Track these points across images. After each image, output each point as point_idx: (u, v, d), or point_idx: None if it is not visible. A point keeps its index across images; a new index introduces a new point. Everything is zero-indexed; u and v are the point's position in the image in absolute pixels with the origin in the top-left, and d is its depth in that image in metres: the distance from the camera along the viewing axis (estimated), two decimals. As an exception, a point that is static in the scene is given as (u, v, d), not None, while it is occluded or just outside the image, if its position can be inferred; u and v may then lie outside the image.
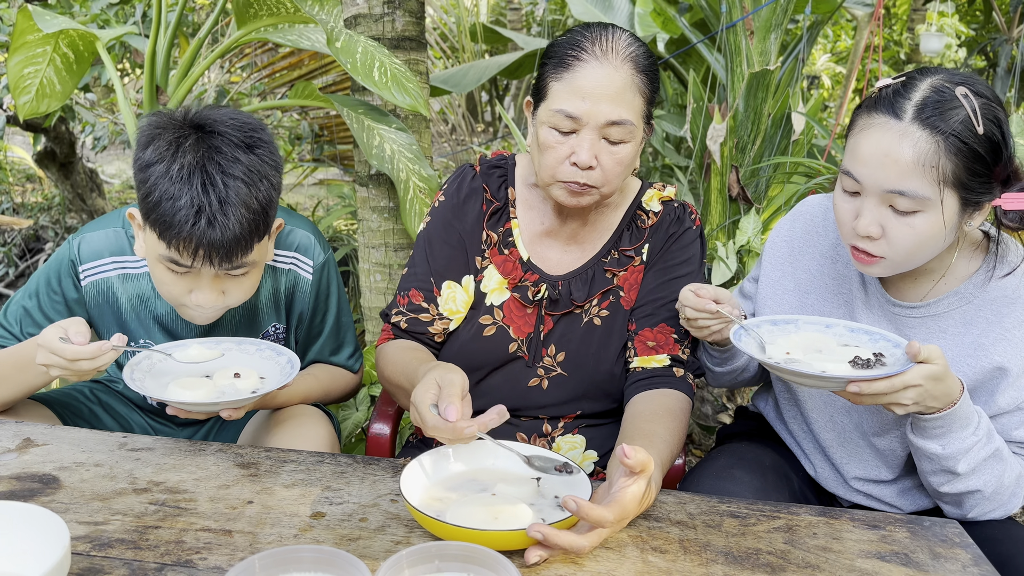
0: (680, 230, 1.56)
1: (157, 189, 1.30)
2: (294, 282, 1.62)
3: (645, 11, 5.34)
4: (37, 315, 1.54)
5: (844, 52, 9.71)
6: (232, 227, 1.31)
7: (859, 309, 1.46)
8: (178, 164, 1.30)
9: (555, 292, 1.52)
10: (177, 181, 1.29)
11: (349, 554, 0.89)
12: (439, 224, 1.60)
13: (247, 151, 1.34)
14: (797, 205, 1.59)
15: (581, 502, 1.03)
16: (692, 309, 1.37)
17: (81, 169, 4.82)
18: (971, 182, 1.23)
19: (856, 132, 1.30)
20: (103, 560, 1.04)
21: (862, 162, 1.27)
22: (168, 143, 1.32)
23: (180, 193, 1.29)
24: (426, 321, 1.56)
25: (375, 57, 2.18)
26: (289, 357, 1.41)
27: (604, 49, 1.38)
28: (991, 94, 1.26)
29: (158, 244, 1.34)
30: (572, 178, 1.40)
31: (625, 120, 1.38)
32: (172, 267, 1.36)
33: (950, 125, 1.21)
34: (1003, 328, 1.33)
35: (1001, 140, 1.24)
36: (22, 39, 2.36)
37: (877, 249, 1.30)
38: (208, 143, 1.32)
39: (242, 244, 1.34)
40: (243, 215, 1.32)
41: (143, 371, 1.37)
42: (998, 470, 1.29)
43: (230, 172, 1.32)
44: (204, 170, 1.30)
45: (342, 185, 5.62)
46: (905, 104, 1.24)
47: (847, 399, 1.22)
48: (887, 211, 1.27)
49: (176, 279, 1.38)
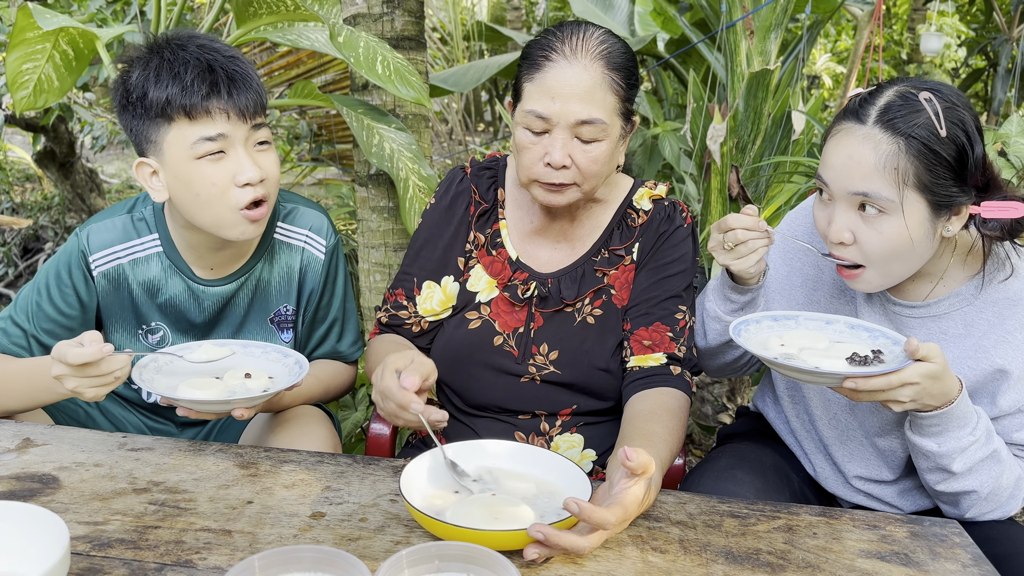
0: (671, 228, 1.56)
1: (160, 84, 1.38)
2: (307, 260, 1.65)
3: (645, 11, 5.34)
4: (48, 309, 1.54)
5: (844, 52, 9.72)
6: (244, 70, 1.41)
7: (862, 308, 1.46)
8: (167, 54, 1.40)
9: (544, 289, 1.53)
10: (174, 64, 1.39)
11: (349, 554, 0.89)
12: (427, 226, 1.63)
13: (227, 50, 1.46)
14: (802, 203, 1.60)
15: (583, 504, 1.03)
16: (744, 230, 1.35)
17: (80, 169, 4.81)
18: (935, 185, 1.25)
19: (828, 139, 1.33)
20: (103, 560, 1.04)
21: (829, 167, 1.30)
22: (147, 58, 1.42)
23: (184, 70, 1.37)
24: (404, 317, 1.61)
25: (377, 52, 2.18)
26: (297, 358, 1.42)
27: (573, 48, 1.39)
28: (960, 100, 1.27)
29: (188, 134, 1.40)
30: (547, 178, 1.42)
31: (596, 119, 1.38)
32: (208, 150, 1.40)
33: (911, 128, 1.23)
34: (1004, 330, 1.33)
35: (966, 143, 1.25)
36: (21, 36, 2.35)
37: (851, 255, 1.31)
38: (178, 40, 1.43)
39: (259, 87, 1.44)
40: (245, 65, 1.42)
41: (152, 372, 1.37)
42: (995, 471, 1.29)
43: (214, 41, 1.44)
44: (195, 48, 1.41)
45: (341, 185, 5.61)
46: (870, 109, 1.27)
47: (845, 396, 1.23)
48: (855, 217, 1.29)
49: (217, 167, 1.42)
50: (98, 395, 1.26)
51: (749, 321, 1.35)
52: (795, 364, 1.21)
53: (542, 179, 1.42)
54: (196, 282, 1.58)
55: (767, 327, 1.36)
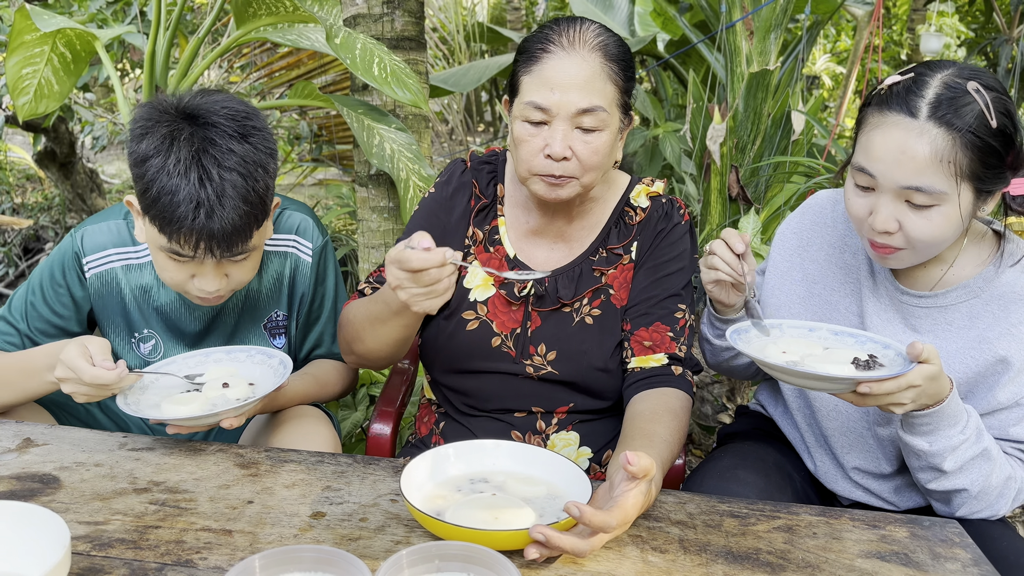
0: (669, 226, 1.55)
1: (155, 184, 1.32)
2: (295, 265, 1.64)
3: (645, 11, 5.35)
4: (43, 309, 1.55)
5: (844, 52, 9.71)
6: (231, 219, 1.32)
7: (867, 299, 1.46)
8: (174, 159, 1.32)
9: (541, 288, 1.52)
10: (174, 176, 1.31)
11: (349, 554, 0.89)
12: (424, 213, 1.61)
13: (241, 141, 1.36)
14: (807, 200, 1.60)
15: (584, 508, 1.02)
16: (722, 260, 1.37)
17: (81, 169, 4.81)
18: (985, 174, 1.26)
19: (869, 129, 1.31)
20: (103, 560, 1.04)
21: (877, 159, 1.28)
22: (163, 137, 1.33)
23: (178, 188, 1.31)
24: None
25: (374, 53, 2.18)
26: (280, 359, 1.42)
27: (571, 40, 1.39)
28: (1000, 87, 1.28)
29: (159, 236, 1.36)
30: (547, 170, 1.40)
31: (596, 107, 1.37)
32: (174, 257, 1.39)
33: (965, 121, 1.23)
34: (1009, 323, 1.35)
35: (1013, 131, 1.26)
36: (20, 39, 2.36)
37: (895, 241, 1.31)
38: (202, 135, 1.34)
39: (242, 234, 1.36)
40: (241, 207, 1.33)
41: (137, 393, 1.38)
42: (985, 470, 1.30)
43: (225, 164, 1.33)
44: (200, 164, 1.32)
45: (341, 185, 5.61)
46: (919, 102, 1.26)
47: (850, 401, 1.23)
48: (903, 206, 1.29)
49: (178, 267, 1.41)
50: (91, 401, 1.32)
51: (740, 331, 1.35)
52: (804, 370, 1.20)
53: (542, 172, 1.41)
54: None
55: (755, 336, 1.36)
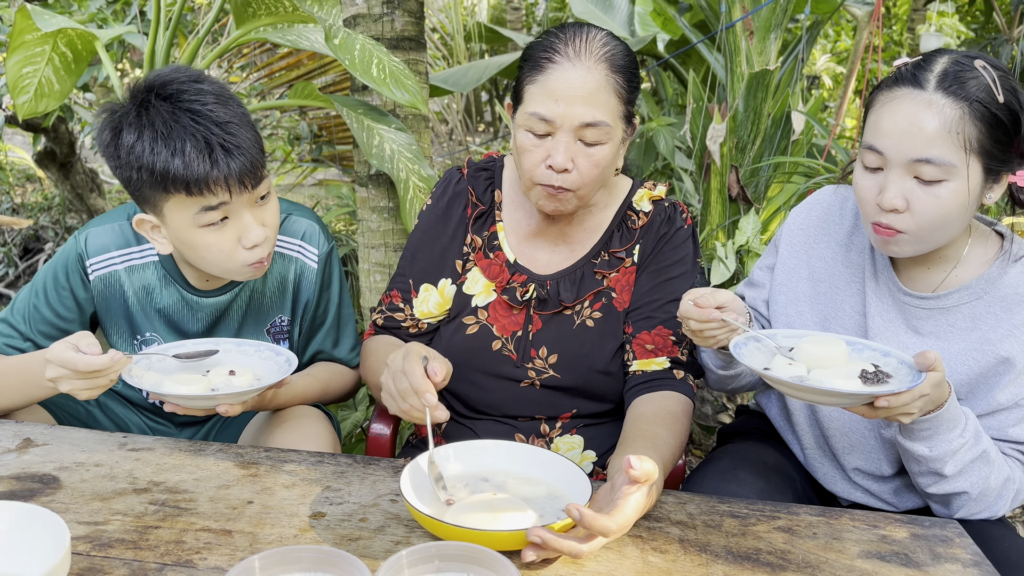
0: (671, 230, 1.55)
1: (157, 158, 1.33)
2: (301, 270, 1.64)
3: (645, 11, 5.35)
4: (45, 311, 1.54)
5: (844, 52, 9.71)
6: (243, 139, 1.36)
7: (870, 298, 1.45)
8: (160, 122, 1.34)
9: (543, 292, 1.52)
10: (170, 138, 1.33)
11: (349, 554, 0.89)
12: (423, 227, 1.62)
13: (202, 83, 1.40)
14: (812, 194, 1.59)
15: (584, 511, 1.02)
16: (696, 321, 1.31)
17: (81, 169, 4.81)
18: (994, 149, 1.26)
19: (878, 107, 1.31)
20: (103, 560, 1.04)
21: (886, 134, 1.28)
22: (136, 116, 1.36)
23: (181, 145, 1.33)
24: (400, 319, 1.61)
25: (373, 54, 2.18)
26: (287, 356, 1.42)
27: (577, 50, 1.38)
28: (1005, 69, 1.29)
29: (188, 205, 1.36)
30: (548, 181, 1.41)
31: (600, 121, 1.37)
32: (211, 220, 1.38)
33: (973, 93, 1.24)
34: (1012, 325, 1.35)
35: (1020, 109, 1.27)
36: (20, 38, 2.36)
37: (901, 223, 1.30)
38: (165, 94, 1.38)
39: (257, 153, 1.39)
40: (241, 130, 1.37)
41: (143, 368, 1.38)
42: (984, 472, 1.30)
43: (204, 102, 1.37)
44: (185, 113, 1.35)
45: (341, 185, 5.62)
46: (927, 75, 1.27)
47: (859, 414, 1.20)
48: (912, 182, 1.28)
49: (221, 235, 1.40)
50: (92, 396, 1.30)
51: (739, 344, 1.32)
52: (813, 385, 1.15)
53: (543, 182, 1.41)
54: (191, 292, 1.58)
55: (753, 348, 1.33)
